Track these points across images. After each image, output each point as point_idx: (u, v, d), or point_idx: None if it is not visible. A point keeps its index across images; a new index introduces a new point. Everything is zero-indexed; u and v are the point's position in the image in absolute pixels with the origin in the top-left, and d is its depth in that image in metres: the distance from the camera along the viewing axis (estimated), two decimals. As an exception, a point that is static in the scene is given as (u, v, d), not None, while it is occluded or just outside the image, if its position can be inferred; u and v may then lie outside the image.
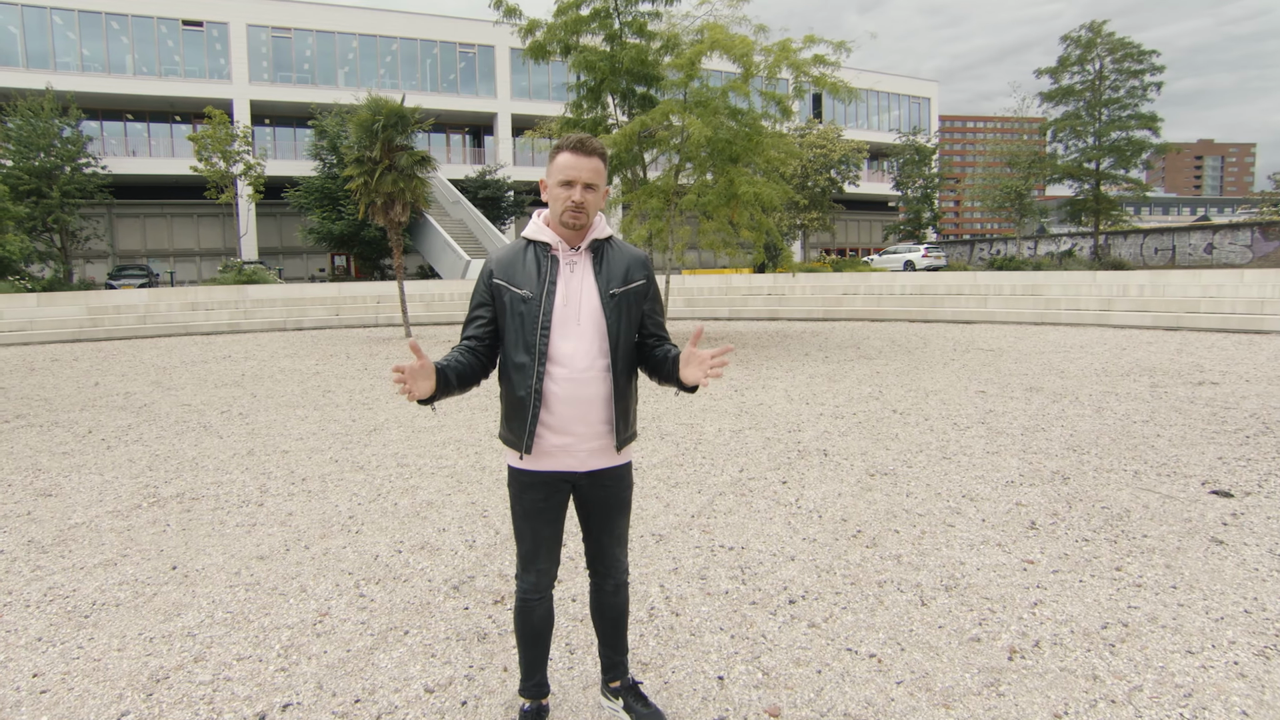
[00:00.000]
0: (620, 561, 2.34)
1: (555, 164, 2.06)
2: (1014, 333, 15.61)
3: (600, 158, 2.07)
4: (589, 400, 2.10)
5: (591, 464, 2.17)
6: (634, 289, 2.16)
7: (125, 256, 34.82)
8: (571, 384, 2.07)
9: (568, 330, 2.07)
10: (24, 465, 5.91)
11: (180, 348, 15.54)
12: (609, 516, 2.27)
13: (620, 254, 2.19)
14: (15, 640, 3.11)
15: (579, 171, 2.03)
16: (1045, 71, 31.76)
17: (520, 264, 2.12)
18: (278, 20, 33.97)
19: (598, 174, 2.06)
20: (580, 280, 2.11)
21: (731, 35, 13.17)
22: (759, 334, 16.67)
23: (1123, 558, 3.71)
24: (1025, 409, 7.47)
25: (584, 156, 2.03)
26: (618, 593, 2.36)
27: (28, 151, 26.07)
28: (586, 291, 2.11)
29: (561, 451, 2.13)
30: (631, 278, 2.16)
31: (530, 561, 2.24)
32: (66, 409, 8.37)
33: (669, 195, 14.39)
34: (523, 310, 2.07)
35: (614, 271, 2.14)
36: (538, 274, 2.09)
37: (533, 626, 2.29)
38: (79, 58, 31.31)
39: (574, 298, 2.09)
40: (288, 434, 6.95)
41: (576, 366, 2.07)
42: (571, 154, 2.03)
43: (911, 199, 40.89)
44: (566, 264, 2.12)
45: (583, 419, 2.10)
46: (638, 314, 2.19)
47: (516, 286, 2.09)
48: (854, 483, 5.09)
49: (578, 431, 2.11)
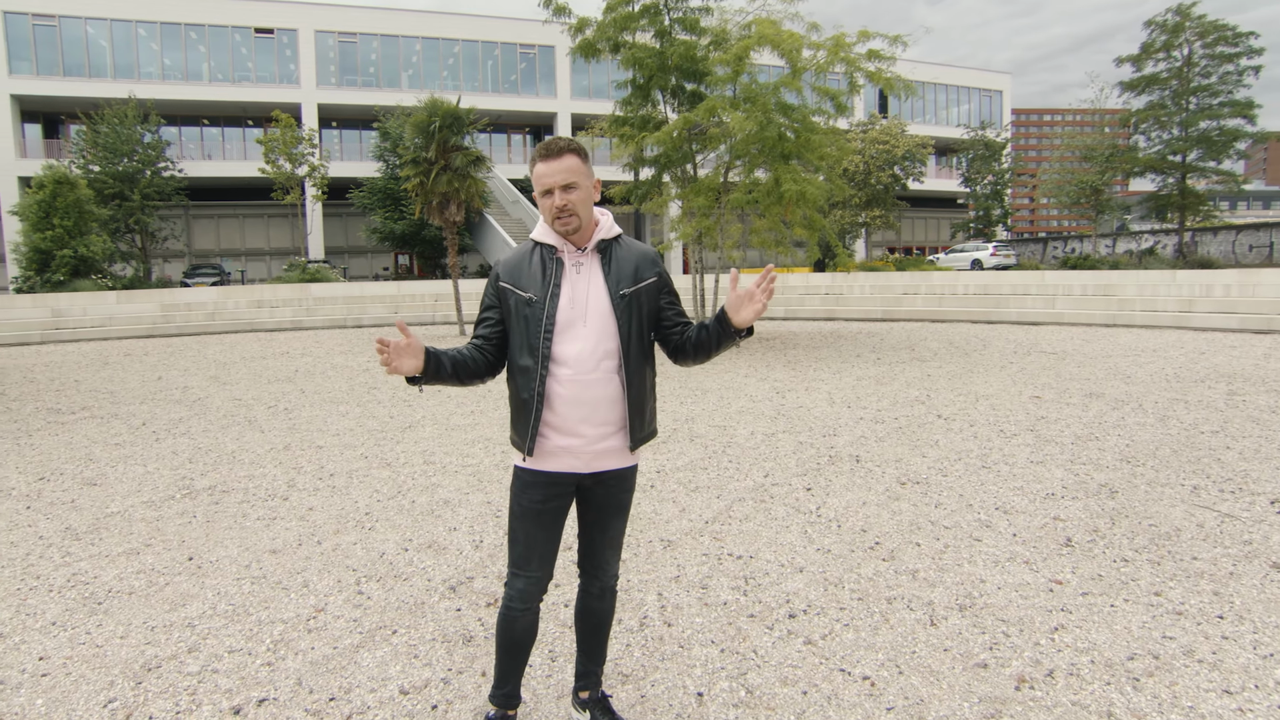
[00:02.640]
0: (609, 566, 2.27)
1: (533, 175, 2.04)
2: (1082, 335, 14.82)
3: (573, 154, 2.02)
4: (595, 401, 2.05)
5: (597, 465, 2.12)
6: (645, 287, 2.12)
7: (200, 256, 36.61)
8: (577, 385, 2.04)
9: (574, 332, 2.04)
10: (79, 455, 6.20)
11: (243, 344, 16.20)
12: (605, 517, 2.21)
13: (629, 252, 2.14)
14: (31, 623, 3.23)
15: (552, 176, 2.00)
16: (1127, 59, 30.06)
17: (526, 267, 2.10)
18: (344, 26, 35.12)
19: (572, 171, 2.00)
20: (589, 281, 2.08)
21: (780, 30, 12.90)
22: (812, 334, 16.30)
23: (1164, 581, 3.41)
24: (1081, 416, 7.04)
25: (554, 159, 1.99)
26: (603, 597, 2.30)
27: (112, 157, 27.69)
28: (595, 292, 2.07)
29: (565, 453, 2.08)
30: (642, 276, 2.12)
31: (521, 566, 2.18)
32: (128, 402, 8.79)
33: (717, 193, 14.21)
34: (527, 313, 2.06)
35: (623, 271, 2.10)
36: (543, 277, 2.07)
37: (513, 637, 2.22)
38: (160, 67, 33.06)
39: (581, 299, 2.06)
40: (325, 429, 7.10)
41: (583, 368, 2.04)
42: (542, 162, 2.01)
43: (980, 196, 39.40)
44: (573, 265, 2.09)
45: (589, 420, 2.06)
46: (652, 311, 2.15)
47: (521, 290, 2.08)
48: (881, 491, 4.87)
49: (584, 433, 2.07)
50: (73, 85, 31.56)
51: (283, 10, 34.05)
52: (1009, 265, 30.39)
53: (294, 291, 22.00)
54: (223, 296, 21.23)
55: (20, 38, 31.13)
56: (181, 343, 16.76)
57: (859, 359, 11.74)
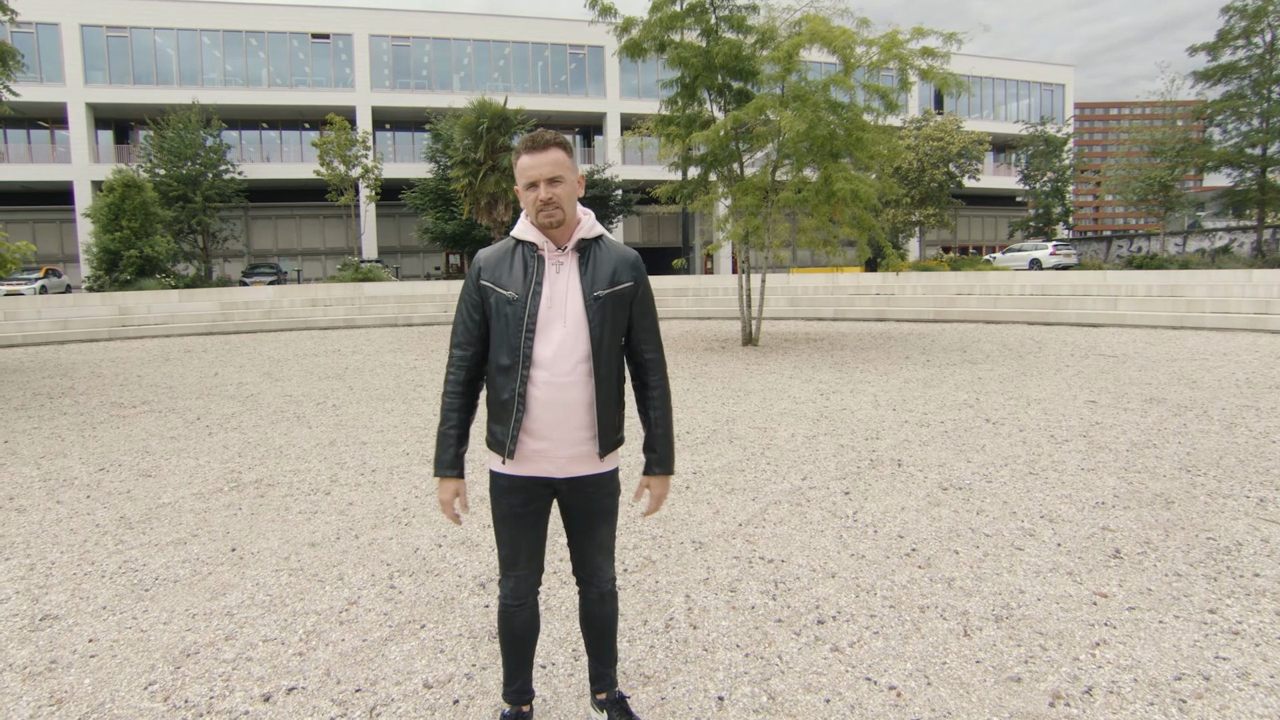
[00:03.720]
0: (604, 570, 2.26)
1: (516, 168, 2.02)
2: (1145, 337, 14.20)
3: (559, 147, 1.99)
4: (570, 405, 2.03)
5: (571, 470, 2.10)
6: (620, 291, 2.08)
7: (258, 255, 37.95)
8: (552, 388, 2.01)
9: (552, 333, 2.02)
10: (136, 448, 6.48)
11: (297, 341, 16.71)
12: (591, 524, 2.20)
13: (609, 254, 2.10)
14: (85, 606, 3.38)
15: (538, 169, 1.97)
16: (1201, 48, 28.60)
17: (508, 265, 2.07)
18: (397, 30, 35.97)
19: (559, 165, 1.98)
20: (566, 281, 2.05)
21: (831, 27, 12.70)
22: (861, 335, 16.02)
23: (1221, 599, 3.24)
24: (1139, 422, 6.74)
25: (539, 152, 1.97)
26: (603, 602, 2.28)
27: (177, 161, 28.95)
28: (571, 293, 2.04)
29: (540, 456, 2.07)
30: (618, 279, 2.08)
31: (510, 566, 2.20)
32: (185, 397, 9.15)
33: (765, 192, 14.06)
34: (508, 312, 2.03)
35: (600, 273, 2.07)
36: (524, 275, 2.05)
37: (513, 632, 2.24)
38: (222, 73, 34.44)
39: (559, 299, 2.04)
40: (371, 426, 7.27)
41: (559, 370, 2.01)
42: (527, 154, 1.99)
43: (1040, 193, 38.10)
44: (553, 264, 2.06)
45: (562, 424, 2.04)
46: (624, 318, 2.11)
47: (503, 288, 2.05)
48: (922, 497, 4.74)
49: (556, 437, 2.05)
50: (142, 93, 33.12)
51: (338, 16, 35.08)
52: (1070, 265, 29.29)
53: (347, 290, 22.60)
54: (279, 295, 21.94)
55: (95, 49, 32.78)
56: (239, 340, 17.38)
57: (908, 361, 11.48)
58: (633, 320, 2.14)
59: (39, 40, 31.81)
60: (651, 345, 2.18)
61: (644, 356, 2.18)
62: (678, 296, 23.32)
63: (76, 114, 32.74)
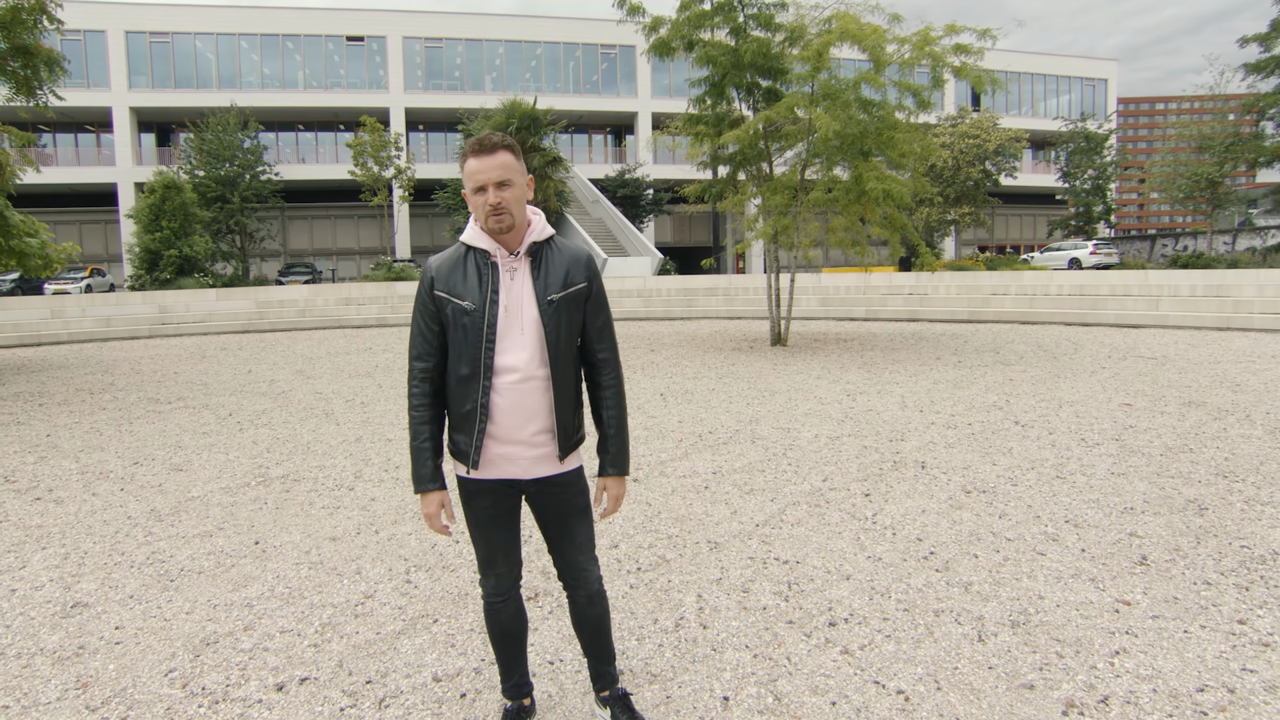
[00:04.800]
0: (588, 571, 2.25)
1: (464, 172, 1.98)
2: (1188, 339, 13.79)
3: (506, 150, 1.96)
4: (532, 410, 2.03)
5: (535, 471, 2.10)
6: (573, 293, 2.06)
7: (295, 255, 38.74)
8: (514, 394, 2.01)
9: (510, 341, 2.01)
10: (169, 442, 6.66)
11: (330, 339, 17.01)
12: (565, 524, 2.19)
13: (561, 256, 2.08)
14: (113, 595, 3.49)
15: (486, 173, 1.93)
16: (1253, 39, 27.57)
17: (461, 273, 2.03)
18: (430, 31, 36.44)
19: (507, 168, 1.95)
20: (520, 287, 2.03)
21: (862, 25, 12.55)
22: (892, 336, 15.81)
23: (1252, 609, 3.13)
24: (1176, 426, 6.54)
25: (487, 155, 1.93)
26: (592, 603, 2.27)
27: (215, 162, 29.70)
28: (526, 299, 2.03)
29: (504, 460, 2.07)
30: (571, 280, 2.06)
31: (489, 566, 2.22)
32: (219, 393, 9.37)
33: (794, 191, 13.95)
34: (465, 322, 2.01)
35: (553, 276, 2.05)
36: (479, 283, 2.02)
37: (501, 628, 2.26)
38: (260, 76, 35.26)
39: (514, 306, 2.02)
40: (397, 423, 7.37)
41: (518, 376, 2.01)
42: (475, 158, 1.94)
43: (1080, 191, 37.17)
44: (507, 271, 2.04)
45: (524, 427, 2.04)
46: (579, 318, 2.10)
47: (458, 298, 2.01)
48: (944, 500, 4.66)
49: (519, 439, 2.05)
50: (182, 96, 34.06)
51: (373, 19, 35.67)
52: (1110, 264, 28.56)
53: (379, 289, 22.96)
54: (313, 294, 22.36)
55: (139, 54, 33.82)
56: (274, 338, 17.76)
57: (938, 361, 11.29)
58: (586, 320, 2.12)
59: (86, 47, 32.89)
60: (605, 345, 2.17)
61: (597, 356, 2.16)
62: (708, 296, 23.24)
63: (121, 118, 33.77)
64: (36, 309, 19.38)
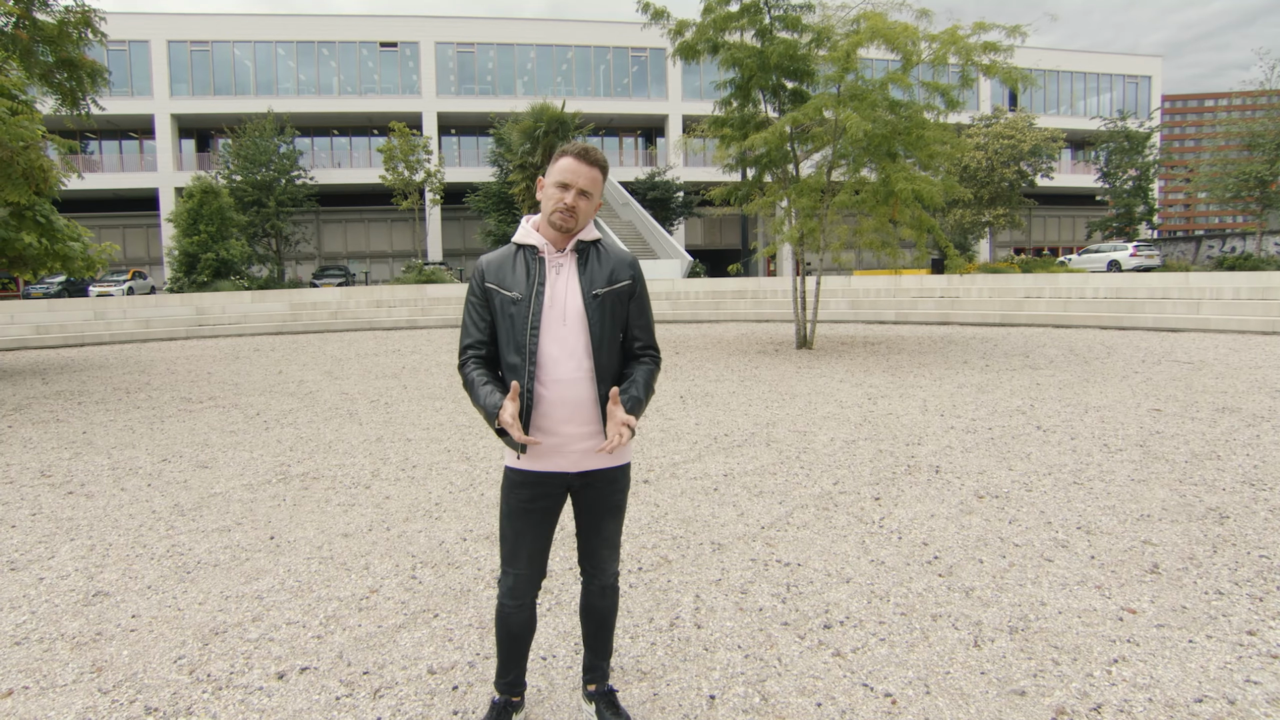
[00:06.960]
0: (608, 565, 2.31)
1: (556, 166, 2.09)
2: (1230, 343, 13.38)
3: (601, 170, 2.11)
4: (577, 402, 2.10)
5: (584, 465, 2.16)
6: (618, 289, 2.16)
7: (329, 258, 39.54)
8: (559, 385, 2.09)
9: (554, 332, 2.10)
10: (197, 440, 6.86)
11: (360, 341, 17.33)
12: (598, 519, 2.25)
13: (608, 255, 2.19)
14: (132, 585, 3.62)
15: (577, 177, 2.06)
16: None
17: (510, 268, 2.16)
18: (462, 37, 36.94)
19: (595, 183, 2.09)
20: (566, 282, 2.13)
21: (891, 24, 12.41)
22: (921, 339, 15.60)
23: (1264, 620, 3.05)
24: (1205, 432, 6.37)
25: (586, 165, 2.07)
26: (604, 595, 2.33)
27: (252, 167, 30.47)
28: (571, 292, 2.12)
29: (553, 451, 2.13)
30: (616, 278, 2.16)
31: (510, 562, 2.24)
32: (249, 393, 9.62)
33: (821, 193, 13.86)
34: (513, 312, 2.11)
35: (599, 273, 2.15)
36: (527, 276, 2.13)
37: (510, 632, 2.30)
38: (295, 82, 36.11)
39: (559, 299, 2.11)
40: (418, 424, 7.49)
41: (565, 368, 2.09)
42: (575, 160, 2.07)
43: (1121, 191, 36.26)
44: (553, 266, 2.14)
45: (572, 420, 2.11)
46: (623, 314, 2.19)
47: (507, 289, 2.13)
48: (955, 504, 4.61)
49: (567, 432, 2.11)
50: (221, 103, 35.04)
51: (405, 25, 36.28)
52: (1151, 266, 27.81)
53: (410, 292, 23.30)
54: (345, 296, 22.78)
55: (180, 63, 34.86)
56: (306, 339, 18.14)
57: (965, 365, 11.13)
58: (630, 317, 2.21)
59: (131, 57, 34.02)
60: (644, 341, 2.25)
61: (636, 350, 2.25)
62: (736, 299, 23.17)
63: (163, 124, 34.83)
64: (81, 310, 20.07)
